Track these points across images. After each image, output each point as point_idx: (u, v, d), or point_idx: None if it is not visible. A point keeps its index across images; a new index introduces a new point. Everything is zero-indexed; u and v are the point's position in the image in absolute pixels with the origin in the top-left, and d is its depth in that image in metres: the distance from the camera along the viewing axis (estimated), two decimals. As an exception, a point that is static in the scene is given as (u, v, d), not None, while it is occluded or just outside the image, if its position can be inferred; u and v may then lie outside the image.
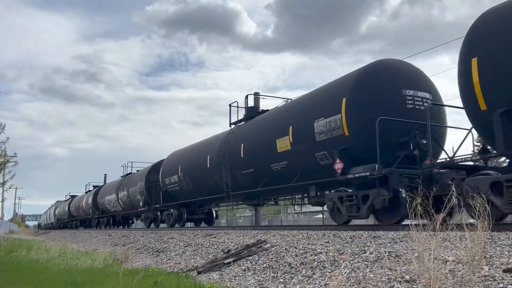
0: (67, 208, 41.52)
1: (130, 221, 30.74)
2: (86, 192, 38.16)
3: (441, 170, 7.62)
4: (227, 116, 14.71)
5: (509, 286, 3.49)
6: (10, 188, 24.60)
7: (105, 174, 39.68)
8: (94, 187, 37.38)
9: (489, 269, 3.86)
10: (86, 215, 33.82)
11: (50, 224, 55.27)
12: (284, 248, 6.81)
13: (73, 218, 39.23)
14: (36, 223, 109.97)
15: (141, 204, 21.71)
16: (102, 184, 36.81)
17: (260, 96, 15.04)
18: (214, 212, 19.05)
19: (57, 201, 53.57)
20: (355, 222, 10.78)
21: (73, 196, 43.61)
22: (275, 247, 7.10)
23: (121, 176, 28.01)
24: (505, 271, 3.76)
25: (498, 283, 3.57)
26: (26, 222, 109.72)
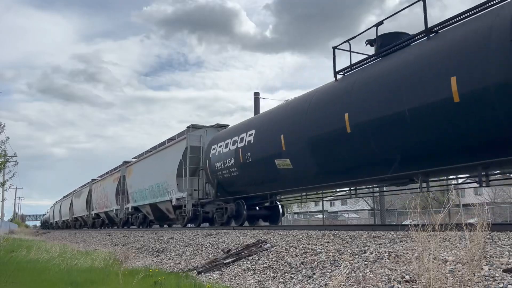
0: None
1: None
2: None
3: None
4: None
5: (509, 286, 3.48)
6: (10, 188, 24.77)
7: None
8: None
9: (489, 269, 3.86)
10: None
11: (95, 217, 30.30)
12: (284, 248, 6.81)
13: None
14: (36, 223, 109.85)
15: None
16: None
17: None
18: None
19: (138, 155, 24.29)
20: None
21: None
22: (275, 247, 7.10)
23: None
24: (505, 271, 3.76)
25: (498, 283, 3.57)
26: (26, 222, 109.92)
